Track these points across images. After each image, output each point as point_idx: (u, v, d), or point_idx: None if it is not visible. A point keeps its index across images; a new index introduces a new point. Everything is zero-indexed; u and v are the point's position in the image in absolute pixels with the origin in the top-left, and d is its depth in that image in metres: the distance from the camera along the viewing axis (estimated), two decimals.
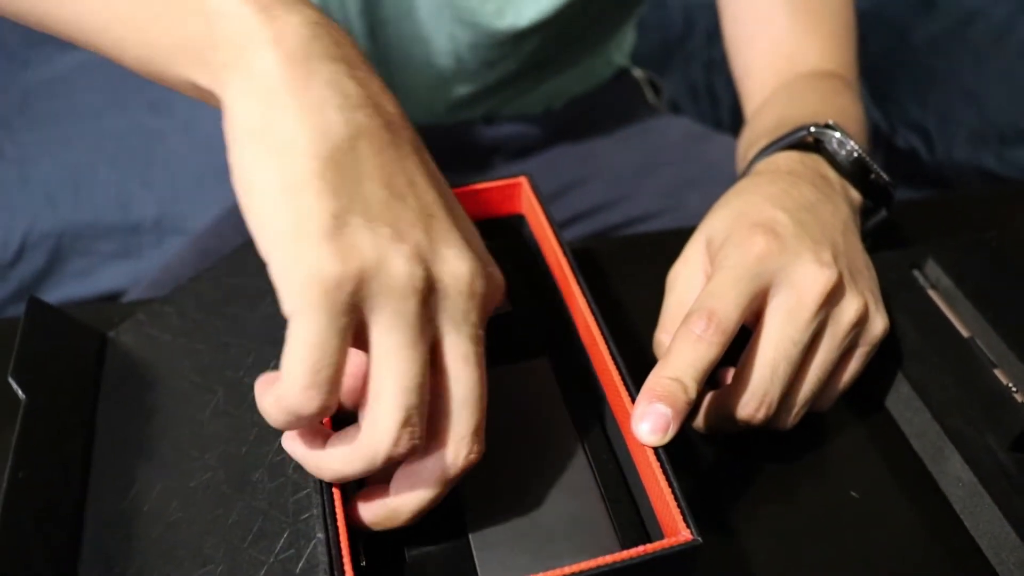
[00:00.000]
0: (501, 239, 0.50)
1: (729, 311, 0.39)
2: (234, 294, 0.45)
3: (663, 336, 0.44)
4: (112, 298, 1.19)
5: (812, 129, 0.50)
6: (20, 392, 0.40)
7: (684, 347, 0.38)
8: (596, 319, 0.40)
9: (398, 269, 0.29)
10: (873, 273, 0.46)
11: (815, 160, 0.49)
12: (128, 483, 0.40)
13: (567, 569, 0.30)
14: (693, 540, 0.32)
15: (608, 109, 0.90)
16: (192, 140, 1.27)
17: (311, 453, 0.32)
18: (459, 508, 0.36)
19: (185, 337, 0.45)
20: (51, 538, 0.37)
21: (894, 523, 0.43)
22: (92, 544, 0.38)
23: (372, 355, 0.30)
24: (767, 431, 0.43)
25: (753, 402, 0.41)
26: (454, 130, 0.85)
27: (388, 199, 0.30)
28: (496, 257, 0.49)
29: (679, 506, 0.33)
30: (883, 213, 0.52)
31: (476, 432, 0.32)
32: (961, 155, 1.45)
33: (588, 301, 0.41)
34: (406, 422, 0.30)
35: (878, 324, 0.43)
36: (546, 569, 0.30)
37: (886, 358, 0.47)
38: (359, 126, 0.31)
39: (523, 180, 0.49)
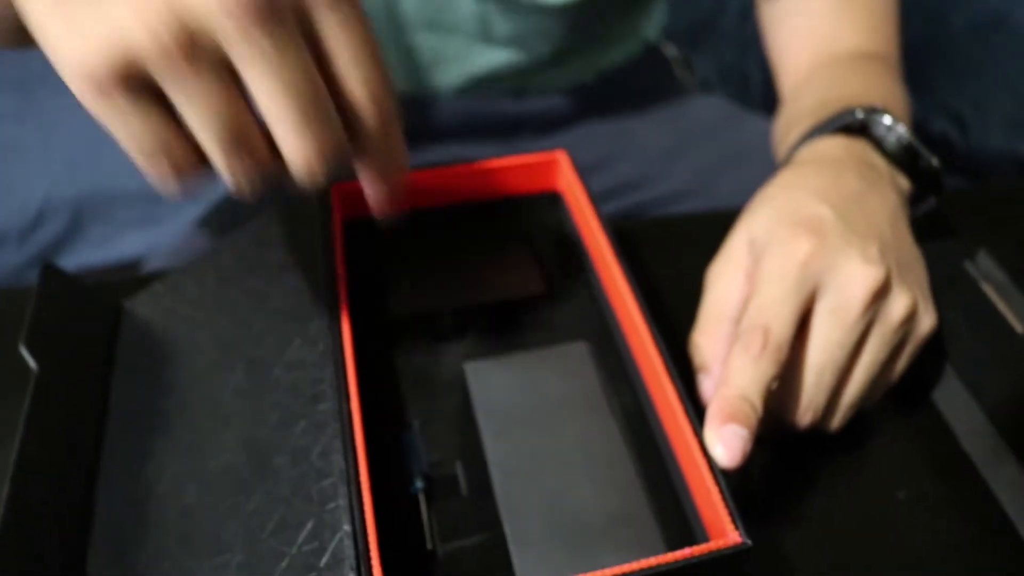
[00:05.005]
0: (536, 217, 0.48)
1: (783, 326, 0.37)
2: (256, 266, 0.43)
3: (700, 338, 0.42)
4: (131, 266, 1.18)
5: (859, 114, 0.47)
6: (32, 362, 0.38)
7: (744, 365, 0.36)
8: (641, 306, 0.38)
9: (143, 40, 0.26)
10: (922, 266, 0.44)
11: (862, 146, 0.47)
12: (142, 463, 0.38)
13: (610, 571, 0.28)
14: (743, 543, 0.30)
15: (638, 86, 0.88)
16: None
17: None
18: (493, 501, 0.34)
19: (204, 310, 0.43)
20: (61, 518, 0.35)
21: (943, 527, 0.41)
22: (103, 525, 0.36)
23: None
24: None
25: (799, 407, 0.39)
26: (478, 104, 0.82)
27: None
28: (531, 237, 0.47)
29: (727, 507, 0.31)
30: (931, 201, 0.50)
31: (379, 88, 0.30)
32: (996, 143, 1.42)
33: (632, 287, 0.39)
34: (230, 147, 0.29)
35: (926, 321, 0.41)
36: (587, 569, 0.28)
37: (936, 354, 0.45)
38: None
39: (561, 154, 0.47)
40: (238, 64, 0.28)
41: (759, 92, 1.39)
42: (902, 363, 0.42)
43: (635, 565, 0.29)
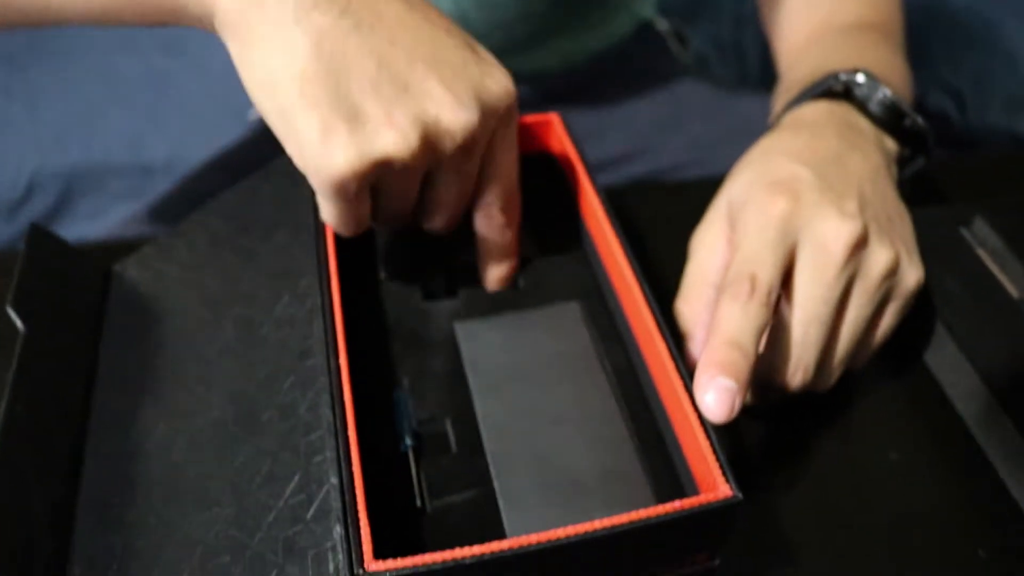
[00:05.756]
0: (529, 178, 0.47)
1: (770, 273, 0.37)
2: (246, 225, 0.42)
3: (683, 305, 0.41)
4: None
5: (842, 77, 0.47)
6: (19, 323, 0.38)
7: (734, 312, 0.36)
8: (632, 266, 0.38)
9: (391, 154, 0.33)
10: (908, 222, 0.44)
11: (844, 109, 0.47)
12: (130, 421, 0.38)
13: (599, 523, 0.28)
14: (733, 496, 0.30)
15: (632, 65, 0.87)
16: (204, 81, 1.24)
17: None
18: (483, 458, 0.34)
19: (194, 271, 0.42)
20: (48, 476, 0.35)
21: (935, 488, 0.41)
22: (91, 483, 0.36)
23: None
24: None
25: (788, 368, 0.39)
26: None
27: (367, 88, 0.33)
28: (524, 198, 0.46)
29: (718, 461, 0.30)
30: (921, 161, 0.49)
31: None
32: (995, 119, 1.41)
33: (624, 247, 0.38)
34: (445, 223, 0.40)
35: (911, 275, 0.41)
36: (577, 523, 0.28)
37: (931, 318, 0.45)
38: (319, 30, 0.33)
39: (554, 117, 0.46)
40: (440, 171, 0.37)
41: (756, 67, 1.38)
42: (889, 319, 0.42)
43: (624, 518, 0.28)
